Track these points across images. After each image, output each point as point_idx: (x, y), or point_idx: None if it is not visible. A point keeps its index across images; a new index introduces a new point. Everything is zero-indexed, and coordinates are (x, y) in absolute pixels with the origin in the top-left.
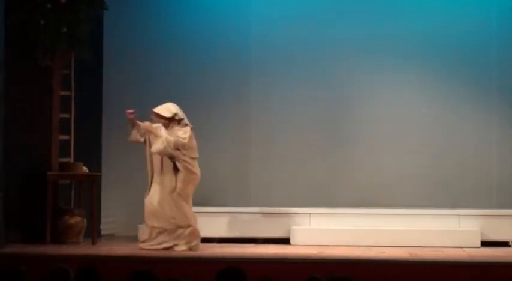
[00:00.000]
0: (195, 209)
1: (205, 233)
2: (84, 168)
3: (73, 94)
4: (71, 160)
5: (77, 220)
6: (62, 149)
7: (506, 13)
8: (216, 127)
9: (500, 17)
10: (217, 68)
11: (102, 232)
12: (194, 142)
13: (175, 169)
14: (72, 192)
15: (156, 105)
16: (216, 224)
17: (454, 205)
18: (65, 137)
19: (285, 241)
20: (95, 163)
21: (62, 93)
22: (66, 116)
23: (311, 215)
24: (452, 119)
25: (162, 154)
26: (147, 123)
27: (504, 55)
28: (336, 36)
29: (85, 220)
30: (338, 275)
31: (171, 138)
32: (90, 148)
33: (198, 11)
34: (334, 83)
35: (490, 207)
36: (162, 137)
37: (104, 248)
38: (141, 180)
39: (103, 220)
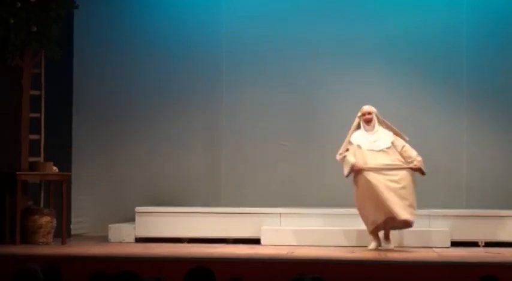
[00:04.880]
0: (166, 209)
1: (175, 233)
2: (54, 168)
3: (43, 93)
4: (41, 159)
5: (46, 220)
6: (32, 148)
7: (477, 15)
8: (187, 127)
9: (471, 19)
10: (189, 67)
11: (72, 232)
12: None
13: None
14: (42, 192)
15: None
16: (186, 224)
17: (424, 205)
18: (35, 137)
19: (256, 241)
20: (65, 162)
21: (32, 92)
22: (37, 115)
23: (281, 215)
24: (422, 120)
25: None
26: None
27: (474, 57)
28: (307, 36)
29: (55, 220)
30: (310, 275)
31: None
32: (61, 148)
33: (169, 10)
34: (305, 83)
35: (460, 207)
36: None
37: (74, 248)
38: (111, 180)
39: (73, 220)
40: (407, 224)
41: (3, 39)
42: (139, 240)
